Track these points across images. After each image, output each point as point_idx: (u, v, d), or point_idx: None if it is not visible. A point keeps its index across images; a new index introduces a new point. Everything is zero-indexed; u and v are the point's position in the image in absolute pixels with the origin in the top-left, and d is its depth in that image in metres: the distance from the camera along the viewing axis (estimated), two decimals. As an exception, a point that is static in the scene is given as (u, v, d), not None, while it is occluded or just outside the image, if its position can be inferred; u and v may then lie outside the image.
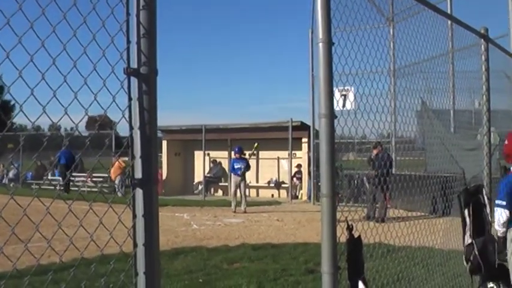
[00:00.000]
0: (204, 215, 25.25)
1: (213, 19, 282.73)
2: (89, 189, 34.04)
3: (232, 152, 28.11)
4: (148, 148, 3.30)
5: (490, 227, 8.49)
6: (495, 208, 8.09)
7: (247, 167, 27.05)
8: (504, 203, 7.93)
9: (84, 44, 3.10)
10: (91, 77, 3.12)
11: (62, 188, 34.33)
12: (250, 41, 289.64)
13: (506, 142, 8.40)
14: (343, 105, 6.36)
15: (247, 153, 28.43)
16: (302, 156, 33.03)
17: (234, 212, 25.60)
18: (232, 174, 27.08)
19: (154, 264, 3.33)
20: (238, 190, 26.57)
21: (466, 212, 8.26)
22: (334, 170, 4.53)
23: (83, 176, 36.08)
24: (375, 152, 21.62)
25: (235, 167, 26.67)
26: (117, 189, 34.18)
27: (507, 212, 7.91)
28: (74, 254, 3.63)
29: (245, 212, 25.62)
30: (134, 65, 3.28)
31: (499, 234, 8.09)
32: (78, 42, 3.06)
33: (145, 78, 3.28)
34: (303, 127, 32.29)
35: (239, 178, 26.42)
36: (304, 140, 32.48)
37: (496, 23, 15.84)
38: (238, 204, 26.21)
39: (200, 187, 35.68)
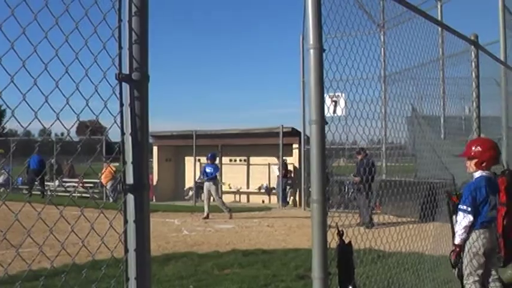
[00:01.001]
0: (194, 220, 25.23)
1: (204, 25, 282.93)
2: (79, 194, 34.02)
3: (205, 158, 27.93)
4: (140, 154, 3.30)
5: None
6: (459, 212, 8.10)
7: (215, 174, 26.90)
8: (469, 208, 7.96)
9: (76, 49, 3.11)
10: (83, 82, 3.13)
11: (28, 192, 34.45)
12: (242, 47, 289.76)
13: (479, 148, 8.39)
14: (334, 112, 6.38)
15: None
16: (293, 162, 33.04)
17: (205, 217, 25.46)
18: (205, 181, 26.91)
19: (145, 269, 3.34)
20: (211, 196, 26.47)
21: (454, 218, 8.30)
22: (324, 175, 4.55)
23: (74, 182, 36.05)
24: (359, 157, 21.71)
25: (207, 171, 26.54)
26: (108, 195, 34.13)
27: (471, 217, 7.94)
28: (65, 259, 3.64)
29: (231, 217, 25.58)
30: (126, 70, 3.28)
31: (456, 241, 8.04)
32: (70, 47, 3.07)
33: (137, 84, 3.29)
34: (294, 133, 32.31)
35: (208, 183, 26.29)
36: (295, 146, 32.49)
37: (486, 29, 15.88)
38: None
39: (191, 193, 35.68)
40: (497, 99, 13.37)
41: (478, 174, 8.26)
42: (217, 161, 28.20)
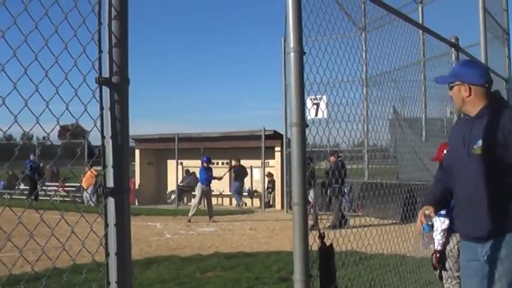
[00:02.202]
0: (177, 224, 25.15)
1: (185, 27, 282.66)
2: (61, 198, 33.88)
3: (201, 162, 27.82)
4: (120, 157, 3.30)
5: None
6: (435, 217, 8.09)
7: (211, 178, 26.87)
8: (443, 211, 7.95)
9: (56, 53, 3.10)
10: (63, 86, 3.12)
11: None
12: (224, 49, 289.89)
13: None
14: (316, 114, 6.40)
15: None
16: (275, 165, 33.02)
17: (189, 221, 25.34)
18: (199, 184, 26.74)
19: (126, 273, 3.33)
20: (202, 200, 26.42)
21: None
22: (305, 178, 4.56)
23: (56, 186, 35.89)
24: (331, 159, 21.74)
25: (203, 176, 26.45)
26: (88, 198, 33.95)
27: (447, 220, 7.94)
28: (46, 263, 3.62)
29: (213, 221, 25.58)
30: (106, 74, 3.28)
31: (436, 246, 8.04)
32: (50, 51, 3.06)
33: (117, 87, 3.29)
34: (276, 136, 32.27)
35: (207, 188, 26.29)
36: (277, 149, 32.48)
37: (467, 32, 15.96)
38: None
39: (173, 196, 35.58)
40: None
41: None
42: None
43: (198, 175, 27.53)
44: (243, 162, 34.84)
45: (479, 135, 5.21)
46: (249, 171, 35.44)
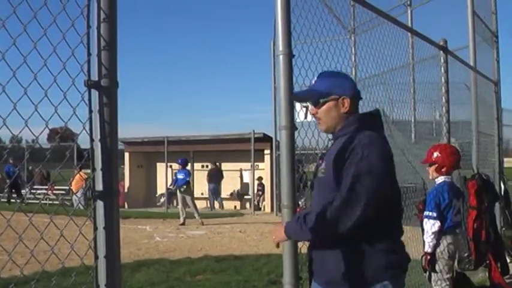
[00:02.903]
0: (166, 227, 25.16)
1: (173, 29, 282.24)
2: (50, 201, 33.80)
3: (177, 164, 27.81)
4: (109, 160, 3.30)
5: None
6: (425, 220, 8.11)
7: (187, 180, 26.73)
8: (435, 214, 7.98)
9: (45, 56, 3.10)
10: (52, 89, 3.12)
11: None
12: (213, 52, 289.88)
13: (438, 154, 8.42)
14: (305, 117, 6.40)
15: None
16: (265, 167, 33.04)
17: (182, 224, 25.39)
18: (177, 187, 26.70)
19: (115, 276, 3.33)
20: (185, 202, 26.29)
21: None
22: (294, 181, 4.56)
23: (45, 189, 35.83)
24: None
25: (179, 177, 26.44)
26: (78, 201, 33.84)
27: (438, 223, 7.96)
28: (36, 267, 3.62)
29: (202, 223, 25.50)
30: (95, 77, 3.28)
31: (427, 249, 8.02)
32: (39, 54, 3.06)
33: (106, 90, 3.28)
34: (265, 139, 32.30)
35: (181, 189, 26.20)
36: (267, 151, 32.50)
37: (456, 35, 16.00)
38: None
39: (163, 199, 35.56)
40: (468, 103, 13.48)
41: (440, 180, 8.29)
42: (188, 167, 28.09)
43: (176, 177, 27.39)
44: (233, 165, 34.88)
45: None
46: (238, 174, 35.47)
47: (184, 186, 26.28)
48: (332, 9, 7.71)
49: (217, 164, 34.68)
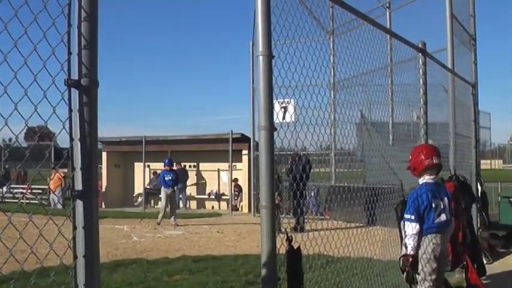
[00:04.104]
0: (144, 227, 25.09)
1: (152, 30, 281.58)
2: (28, 201, 33.63)
3: (163, 164, 27.74)
4: (89, 160, 3.29)
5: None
6: (406, 223, 8.13)
7: (177, 181, 26.83)
8: (413, 217, 7.99)
9: (25, 54, 3.08)
10: (32, 88, 3.11)
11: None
12: (191, 52, 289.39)
13: (410, 157, 8.45)
14: (283, 118, 6.41)
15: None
16: (242, 168, 33.03)
17: (159, 224, 25.22)
18: (162, 187, 26.61)
19: (94, 276, 3.32)
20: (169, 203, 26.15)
21: (402, 223, 8.36)
22: (273, 181, 4.57)
23: (22, 188, 35.65)
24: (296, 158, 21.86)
25: (166, 179, 26.26)
26: (56, 201, 33.68)
27: (417, 225, 7.98)
28: (14, 266, 3.60)
29: (176, 224, 25.33)
30: (75, 76, 3.27)
31: (409, 251, 8.01)
32: (19, 52, 3.05)
33: (86, 89, 3.28)
34: (243, 139, 32.31)
35: (170, 190, 26.08)
36: (245, 152, 32.50)
37: (434, 37, 16.11)
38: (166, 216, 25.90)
39: (140, 199, 35.48)
40: (445, 105, 13.55)
41: (420, 180, 8.31)
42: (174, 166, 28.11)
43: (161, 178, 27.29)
44: (211, 165, 34.92)
45: None
46: (216, 174, 35.46)
47: (176, 187, 26.39)
48: (311, 11, 7.73)
49: (181, 164, 34.59)
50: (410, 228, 7.98)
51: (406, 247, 8.05)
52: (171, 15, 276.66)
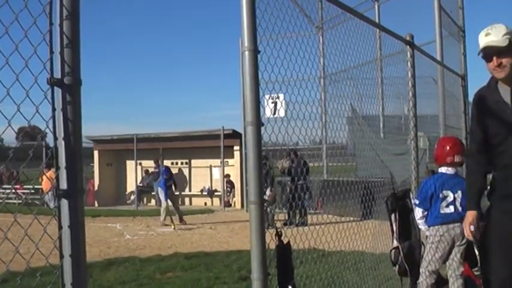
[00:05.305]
0: (136, 225, 25.09)
1: (141, 27, 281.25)
2: (19, 201, 33.54)
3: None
4: (73, 159, 3.27)
5: (417, 231, 8.67)
6: (414, 207, 8.42)
7: (174, 183, 26.74)
8: (417, 201, 8.32)
9: (7, 54, 3.06)
10: (14, 87, 3.09)
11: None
12: (181, 50, 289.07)
13: (435, 146, 8.62)
14: (273, 113, 6.40)
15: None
16: (234, 164, 33.02)
17: (163, 224, 25.00)
18: (159, 189, 26.19)
19: (81, 275, 3.31)
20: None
21: (392, 216, 8.41)
22: (261, 177, 4.56)
23: (14, 188, 35.56)
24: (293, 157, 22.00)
25: (167, 184, 25.70)
26: (48, 201, 33.51)
27: (421, 209, 8.25)
28: (0, 267, 3.58)
29: (185, 222, 25.13)
30: (58, 75, 3.25)
31: (423, 229, 8.41)
32: (1, 52, 3.02)
33: (69, 88, 3.25)
34: (234, 135, 32.32)
35: (169, 192, 25.78)
36: (236, 148, 32.50)
37: (423, 29, 16.12)
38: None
39: (133, 197, 35.48)
40: (435, 97, 13.58)
41: (439, 170, 8.51)
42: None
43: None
44: (202, 162, 34.91)
45: None
46: (208, 170, 35.45)
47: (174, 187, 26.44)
48: (298, 4, 7.72)
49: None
50: (416, 211, 8.26)
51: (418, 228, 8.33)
52: (161, 11, 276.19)
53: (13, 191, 34.35)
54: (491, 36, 5.24)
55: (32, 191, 36.59)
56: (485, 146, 5.77)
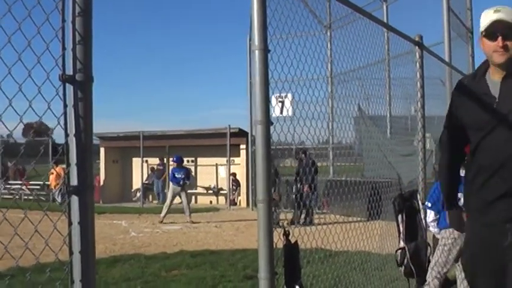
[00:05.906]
0: (142, 222, 25.11)
1: (149, 24, 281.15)
2: (25, 197, 33.59)
3: (172, 161, 27.63)
4: (84, 155, 3.28)
5: (424, 232, 8.64)
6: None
7: (188, 178, 26.33)
8: (429, 204, 8.30)
9: (19, 50, 3.07)
10: (26, 83, 3.09)
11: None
12: (189, 47, 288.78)
13: None
14: (280, 112, 6.40)
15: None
16: (240, 162, 33.02)
17: (162, 221, 24.81)
18: (171, 184, 26.34)
19: (90, 271, 3.31)
20: (174, 200, 25.89)
21: (399, 217, 8.39)
22: (270, 176, 4.56)
23: (20, 184, 35.59)
24: (302, 156, 21.98)
25: (176, 176, 25.84)
26: (57, 197, 33.50)
27: (431, 212, 8.23)
28: (10, 263, 3.59)
29: (192, 221, 24.86)
30: (70, 71, 3.26)
31: (435, 233, 8.40)
32: (13, 48, 3.03)
33: (80, 85, 3.26)
34: (241, 134, 32.29)
35: (179, 188, 25.69)
36: (242, 146, 32.49)
37: (431, 31, 16.11)
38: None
39: (138, 194, 35.48)
40: (443, 98, 13.56)
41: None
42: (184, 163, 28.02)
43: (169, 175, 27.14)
44: (208, 160, 34.90)
45: None
46: (214, 169, 35.44)
47: (187, 183, 26.15)
48: (308, 4, 7.73)
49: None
50: (428, 214, 8.27)
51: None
52: (169, 8, 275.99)
53: (22, 187, 34.37)
54: (501, 13, 4.86)
55: (38, 187, 36.64)
56: (459, 138, 5.21)
